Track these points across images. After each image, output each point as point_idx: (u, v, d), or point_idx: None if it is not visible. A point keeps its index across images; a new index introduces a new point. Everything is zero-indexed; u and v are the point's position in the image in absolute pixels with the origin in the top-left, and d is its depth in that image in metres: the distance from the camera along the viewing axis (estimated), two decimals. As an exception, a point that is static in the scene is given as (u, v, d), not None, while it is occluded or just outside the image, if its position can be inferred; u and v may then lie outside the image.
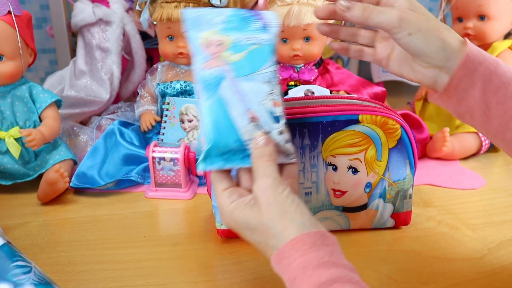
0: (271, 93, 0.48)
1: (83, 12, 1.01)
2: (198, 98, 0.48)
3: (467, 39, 0.50)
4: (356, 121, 0.61)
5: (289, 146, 0.49)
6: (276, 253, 0.44)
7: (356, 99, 0.65)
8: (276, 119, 0.48)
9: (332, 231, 0.66)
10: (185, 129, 0.89)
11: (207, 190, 0.65)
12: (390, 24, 0.49)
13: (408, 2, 0.50)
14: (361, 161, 0.63)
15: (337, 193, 0.65)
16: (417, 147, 0.76)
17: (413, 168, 0.65)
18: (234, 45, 0.49)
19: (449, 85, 0.50)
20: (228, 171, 0.50)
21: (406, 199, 0.66)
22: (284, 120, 0.49)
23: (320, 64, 0.96)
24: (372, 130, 0.62)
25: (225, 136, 0.47)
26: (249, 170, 0.49)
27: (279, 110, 0.48)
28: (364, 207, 0.66)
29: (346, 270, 0.42)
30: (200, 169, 0.48)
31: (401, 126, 0.62)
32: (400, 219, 0.68)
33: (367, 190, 0.65)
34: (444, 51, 0.49)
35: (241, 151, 0.47)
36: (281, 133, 0.48)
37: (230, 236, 0.66)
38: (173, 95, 0.91)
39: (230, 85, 0.47)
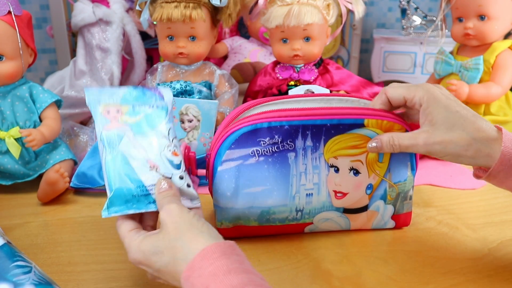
0: (169, 146, 0.54)
1: (83, 12, 1.01)
2: (101, 157, 0.54)
3: (503, 131, 0.54)
4: (361, 125, 0.60)
5: (192, 191, 0.55)
6: (187, 267, 0.45)
7: (362, 98, 0.64)
8: (176, 167, 0.54)
9: (332, 231, 0.67)
10: (185, 129, 0.89)
11: (209, 189, 0.65)
12: (420, 152, 0.58)
13: (431, 117, 0.56)
14: (362, 163, 0.63)
15: (338, 194, 0.64)
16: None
17: (414, 170, 0.65)
18: (131, 111, 0.55)
19: (488, 177, 0.55)
20: (133, 215, 0.53)
21: (406, 200, 0.66)
22: (184, 167, 0.55)
23: (320, 64, 0.96)
24: (376, 134, 0.61)
25: (127, 184, 0.51)
26: (155, 212, 0.53)
27: (178, 159, 0.54)
28: (365, 208, 0.66)
29: (256, 277, 0.43)
30: (104, 216, 0.52)
31: (406, 130, 0.61)
32: (401, 220, 0.68)
33: (368, 191, 0.65)
34: (478, 154, 0.54)
35: (145, 196, 0.52)
36: (181, 178, 0.53)
37: (230, 235, 0.66)
38: (173, 95, 0.91)
39: (129, 141, 0.53)
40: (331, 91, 0.92)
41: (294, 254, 0.63)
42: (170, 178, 0.53)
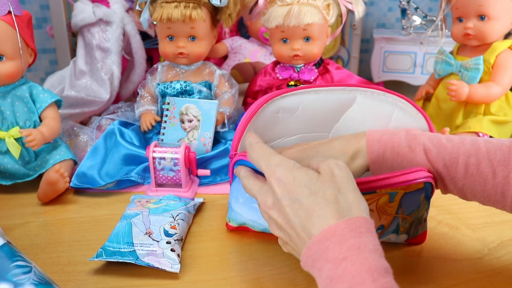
0: (171, 222, 0.65)
1: (83, 12, 1.02)
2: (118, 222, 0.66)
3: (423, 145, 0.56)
4: (373, 192, 0.56)
5: (175, 256, 0.59)
6: (327, 229, 0.41)
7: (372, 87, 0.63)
8: (169, 235, 0.62)
9: None
10: (185, 129, 0.89)
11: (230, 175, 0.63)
12: None
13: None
14: (372, 210, 0.57)
15: None
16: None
17: (429, 196, 0.59)
18: (157, 202, 0.71)
19: (447, 189, 0.58)
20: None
21: (421, 224, 0.62)
22: (176, 238, 0.62)
23: (320, 64, 0.96)
24: (391, 191, 0.57)
25: (119, 241, 0.61)
26: None
27: (173, 231, 0.63)
28: None
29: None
30: (93, 259, 0.59)
31: (425, 183, 0.56)
32: (415, 240, 0.64)
33: (379, 231, 0.60)
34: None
35: (133, 253, 0.59)
36: (168, 243, 0.61)
37: (238, 230, 0.67)
38: (173, 95, 0.91)
39: (141, 217, 0.66)
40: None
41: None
42: (158, 242, 0.61)
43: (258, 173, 0.53)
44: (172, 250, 0.60)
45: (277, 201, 0.46)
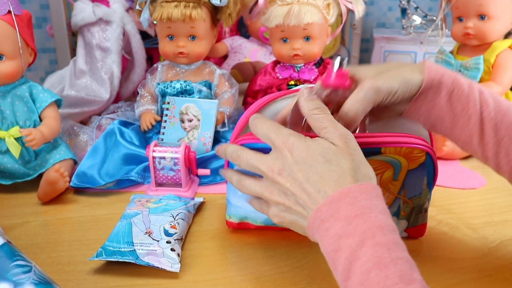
0: (171, 222, 0.65)
1: (83, 11, 1.01)
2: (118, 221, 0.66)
3: (426, 61, 0.55)
4: (378, 153, 0.57)
5: (175, 256, 0.59)
6: (341, 191, 0.44)
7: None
8: (169, 234, 0.62)
9: None
10: (185, 128, 0.89)
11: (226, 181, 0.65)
12: (368, 97, 0.53)
13: (377, 70, 0.55)
14: None
15: None
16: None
17: (431, 184, 0.61)
18: (157, 201, 0.71)
19: (418, 97, 0.54)
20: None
21: (421, 213, 0.63)
22: (176, 237, 0.62)
23: (320, 63, 0.96)
24: (394, 159, 0.58)
25: (119, 240, 0.61)
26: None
27: (173, 230, 0.63)
28: None
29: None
30: (93, 258, 0.59)
31: (427, 152, 0.58)
32: (414, 232, 0.65)
33: None
34: (410, 87, 0.54)
35: (133, 252, 0.59)
36: (168, 242, 0.61)
37: (238, 228, 0.67)
38: (173, 95, 0.91)
39: (141, 217, 0.66)
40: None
41: (294, 254, 0.63)
42: (158, 241, 0.61)
43: (262, 151, 0.53)
44: (172, 249, 0.60)
45: (289, 167, 0.48)
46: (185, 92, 0.91)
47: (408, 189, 0.61)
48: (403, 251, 0.40)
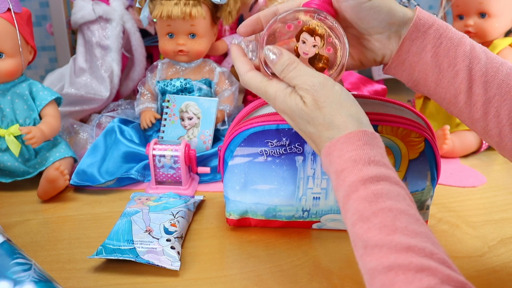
0: (171, 220, 0.65)
1: (83, 9, 1.01)
2: (118, 220, 0.66)
3: (417, 7, 0.51)
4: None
5: (175, 254, 0.59)
6: (329, 144, 0.45)
7: (376, 99, 0.60)
8: (169, 232, 0.62)
9: (340, 230, 0.67)
10: (185, 126, 0.88)
11: (222, 181, 0.65)
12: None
13: None
14: None
15: None
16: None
17: (434, 180, 0.61)
18: (157, 199, 0.71)
19: (401, 48, 0.50)
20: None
21: (422, 210, 0.64)
22: (176, 235, 0.62)
23: (321, 61, 0.95)
24: (391, 141, 0.58)
25: (119, 238, 0.61)
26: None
27: (173, 229, 0.64)
28: None
29: (395, 174, 0.43)
30: (93, 257, 0.59)
31: (425, 138, 0.58)
32: None
33: None
34: (401, 21, 0.50)
35: (133, 250, 0.59)
36: (168, 240, 0.61)
37: (239, 225, 0.67)
38: (173, 93, 0.91)
39: (141, 215, 0.66)
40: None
41: (294, 252, 0.63)
42: (158, 239, 0.61)
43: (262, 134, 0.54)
44: (172, 247, 0.60)
45: (290, 123, 0.50)
46: (185, 90, 0.91)
47: (410, 182, 0.61)
48: (388, 200, 0.40)
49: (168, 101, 0.89)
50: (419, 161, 0.60)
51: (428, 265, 0.35)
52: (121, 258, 0.58)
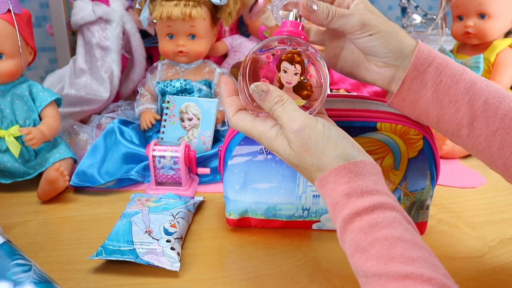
0: (171, 221, 0.65)
1: (83, 10, 1.01)
2: (118, 220, 0.66)
3: (419, 41, 0.51)
4: (374, 129, 0.58)
5: (175, 255, 0.59)
6: (321, 177, 0.46)
7: (375, 100, 0.61)
8: (169, 233, 0.62)
9: (333, 231, 0.67)
10: (185, 127, 0.89)
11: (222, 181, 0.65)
12: (353, 28, 0.50)
13: (364, 4, 0.52)
14: None
15: None
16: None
17: (434, 179, 0.62)
18: (157, 200, 0.71)
19: (402, 87, 0.51)
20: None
21: (422, 209, 0.64)
22: (176, 236, 0.62)
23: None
24: (390, 139, 0.59)
25: (119, 239, 0.61)
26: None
27: (173, 229, 0.63)
28: None
29: (389, 198, 0.43)
30: (93, 257, 0.59)
31: (424, 136, 0.58)
32: None
33: None
34: (401, 52, 0.50)
35: (133, 251, 0.59)
36: (168, 241, 0.61)
37: (239, 225, 0.67)
38: (173, 94, 0.91)
39: (141, 216, 0.66)
40: (331, 90, 0.92)
41: (294, 252, 0.63)
42: (158, 240, 0.61)
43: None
44: (172, 248, 0.60)
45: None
46: (185, 91, 0.91)
47: (410, 181, 0.61)
48: (383, 229, 0.40)
49: (168, 102, 0.89)
50: (418, 159, 0.60)
51: None
52: (121, 259, 0.58)
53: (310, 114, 0.49)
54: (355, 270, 0.42)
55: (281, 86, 0.50)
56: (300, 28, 0.51)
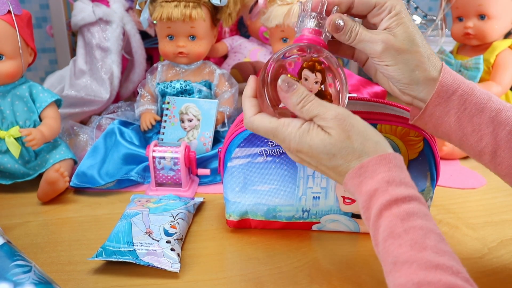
0: (171, 222, 0.65)
1: (83, 11, 1.01)
2: (118, 221, 0.66)
3: (443, 67, 0.50)
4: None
5: (175, 256, 0.59)
6: (358, 166, 0.45)
7: (376, 102, 0.61)
8: (169, 234, 0.63)
9: (340, 232, 0.67)
10: (185, 128, 0.89)
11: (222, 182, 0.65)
12: (371, 54, 0.50)
13: (398, 20, 0.49)
14: None
15: (347, 200, 0.64)
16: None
17: (434, 180, 0.62)
18: (157, 201, 0.71)
19: (424, 113, 0.51)
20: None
21: None
22: (176, 237, 0.62)
23: (320, 63, 0.96)
24: (391, 140, 0.59)
25: (119, 240, 0.61)
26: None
27: (173, 230, 0.63)
28: None
29: (421, 195, 0.45)
30: (93, 258, 0.59)
31: (424, 138, 0.59)
32: None
33: None
34: (417, 83, 0.50)
35: (133, 252, 0.59)
36: (168, 242, 0.61)
37: (239, 226, 0.67)
38: (173, 95, 0.91)
39: (141, 217, 0.66)
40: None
41: (294, 254, 0.63)
42: (158, 241, 0.61)
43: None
44: (172, 249, 0.60)
45: (304, 162, 0.50)
46: (185, 92, 0.91)
47: None
48: (418, 219, 0.41)
49: (168, 103, 0.89)
50: (418, 161, 0.60)
51: (455, 283, 0.37)
52: (121, 260, 0.58)
53: None
54: (383, 256, 0.42)
55: None
56: (319, 35, 0.50)
